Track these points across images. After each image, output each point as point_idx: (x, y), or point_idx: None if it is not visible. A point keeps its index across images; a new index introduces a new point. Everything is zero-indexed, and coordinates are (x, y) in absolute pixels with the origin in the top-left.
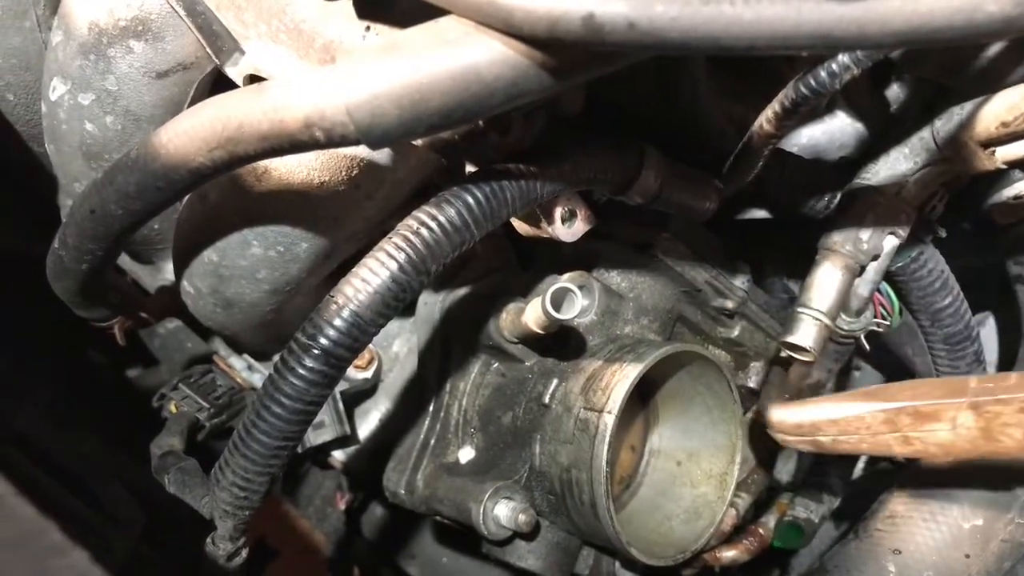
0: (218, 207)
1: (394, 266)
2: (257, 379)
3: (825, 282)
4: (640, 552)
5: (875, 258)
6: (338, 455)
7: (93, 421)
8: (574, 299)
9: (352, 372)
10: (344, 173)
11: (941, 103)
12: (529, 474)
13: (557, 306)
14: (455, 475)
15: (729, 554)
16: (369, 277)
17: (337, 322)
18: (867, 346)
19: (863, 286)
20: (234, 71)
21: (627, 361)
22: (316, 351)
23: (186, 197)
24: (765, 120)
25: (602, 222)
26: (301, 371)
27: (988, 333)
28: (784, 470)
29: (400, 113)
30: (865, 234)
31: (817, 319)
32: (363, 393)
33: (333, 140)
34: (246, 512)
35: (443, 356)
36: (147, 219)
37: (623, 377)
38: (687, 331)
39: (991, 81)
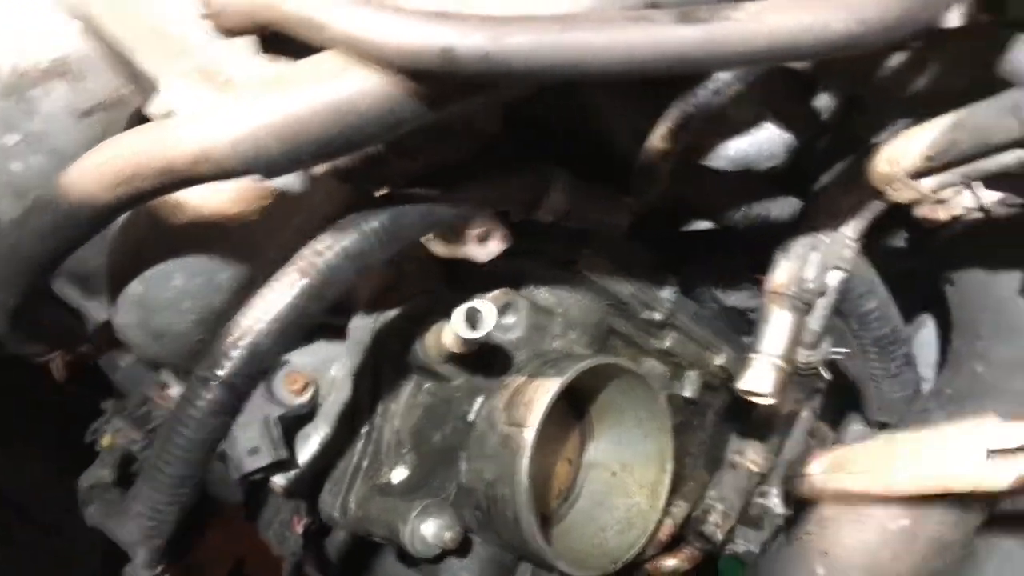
0: (138, 240)
1: (293, 294)
2: None
3: (775, 325)
4: (569, 564)
5: (823, 294)
6: (278, 480)
7: (48, 452)
8: (484, 317)
9: (288, 397)
10: (256, 203)
11: (858, 113)
12: (457, 491)
13: (472, 325)
14: (387, 495)
15: (670, 563)
16: (267, 306)
17: (235, 352)
18: (827, 375)
19: (814, 321)
20: (152, 109)
21: (548, 376)
22: (214, 382)
23: (111, 232)
24: (658, 138)
25: (527, 240)
26: (201, 403)
27: (929, 335)
28: (723, 482)
29: (281, 145)
30: (810, 273)
31: (771, 362)
32: (302, 418)
33: (222, 174)
34: (158, 541)
35: (374, 379)
36: (67, 255)
37: (544, 392)
38: (620, 343)
39: (899, 88)
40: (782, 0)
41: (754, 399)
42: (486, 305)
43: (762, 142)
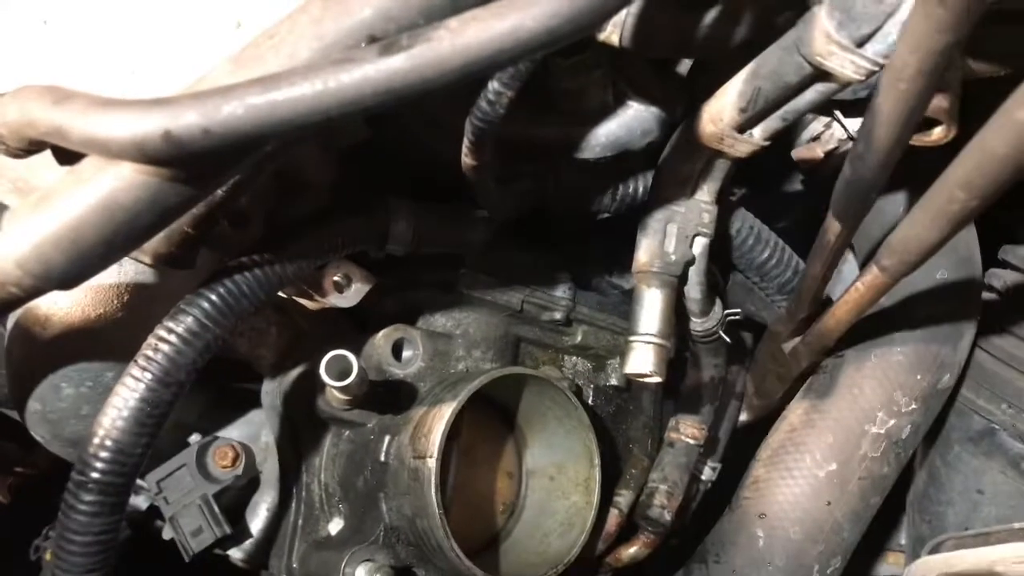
0: (20, 362)
1: (141, 388)
2: (141, 501)
3: (647, 305)
4: None
5: (692, 262)
6: (235, 553)
7: None
8: (349, 364)
9: (221, 473)
10: (116, 301)
11: (699, 75)
12: (386, 532)
13: (337, 374)
14: (324, 549)
15: (629, 552)
16: (120, 404)
17: (102, 454)
18: (728, 339)
19: (693, 290)
20: None
21: (446, 402)
22: (90, 485)
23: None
24: (464, 155)
25: (403, 273)
26: (82, 507)
27: (851, 268)
28: (664, 461)
29: (65, 254)
30: (670, 246)
31: (649, 342)
32: (247, 488)
33: (29, 293)
34: None
35: (292, 438)
36: None
37: (440, 419)
38: (534, 348)
39: (720, 44)
40: (479, 11)
41: (643, 380)
42: (347, 352)
43: (631, 122)
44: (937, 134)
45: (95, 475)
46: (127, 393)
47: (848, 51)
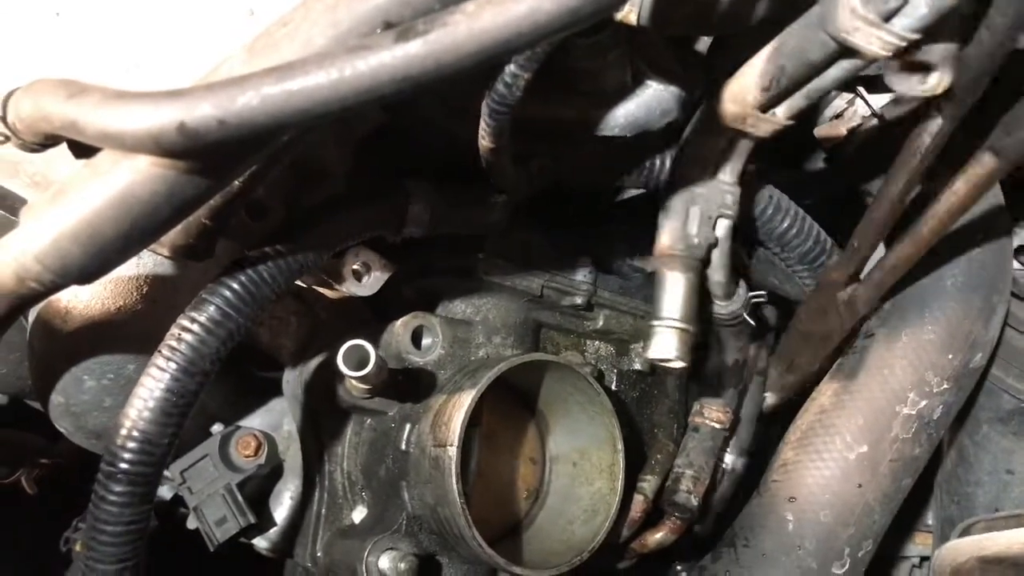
0: (42, 355)
1: (166, 379)
2: (165, 491)
3: (670, 289)
4: (534, 566)
5: (715, 244)
6: (259, 542)
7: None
8: (368, 351)
9: (244, 462)
10: (135, 293)
11: (719, 53)
12: (408, 520)
13: (360, 364)
14: (348, 537)
15: (656, 537)
16: (146, 395)
17: (130, 444)
18: (752, 322)
19: (716, 273)
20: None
21: (465, 389)
22: (119, 476)
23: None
24: (482, 138)
25: (429, 258)
26: (112, 498)
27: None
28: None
29: (83, 249)
30: (693, 229)
31: (672, 327)
32: (270, 476)
33: (49, 287)
34: None
35: (314, 427)
36: None
37: (460, 407)
38: (555, 333)
39: (740, 21)
40: None
41: (666, 366)
42: (364, 342)
43: (649, 101)
44: (931, 83)
45: (124, 466)
46: (152, 384)
47: (875, 26)
